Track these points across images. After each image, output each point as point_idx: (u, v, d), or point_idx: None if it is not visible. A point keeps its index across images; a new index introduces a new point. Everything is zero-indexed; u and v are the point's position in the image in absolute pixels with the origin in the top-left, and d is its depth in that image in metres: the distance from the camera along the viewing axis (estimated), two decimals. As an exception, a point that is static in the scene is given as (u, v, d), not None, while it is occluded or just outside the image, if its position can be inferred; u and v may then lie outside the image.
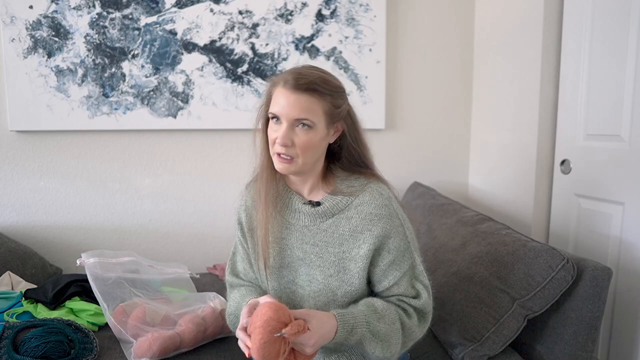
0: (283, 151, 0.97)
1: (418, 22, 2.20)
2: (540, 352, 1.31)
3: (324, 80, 0.98)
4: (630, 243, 1.51)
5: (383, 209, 1.02)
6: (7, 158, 1.90)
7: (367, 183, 1.05)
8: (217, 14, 1.97)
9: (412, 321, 1.03)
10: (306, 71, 0.98)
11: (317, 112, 0.97)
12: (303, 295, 1.06)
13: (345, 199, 1.04)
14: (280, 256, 1.07)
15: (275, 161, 1.00)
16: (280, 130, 0.97)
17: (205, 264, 2.08)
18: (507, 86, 2.02)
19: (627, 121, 1.51)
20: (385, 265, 1.03)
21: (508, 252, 1.35)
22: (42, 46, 1.85)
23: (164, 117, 1.97)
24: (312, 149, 0.98)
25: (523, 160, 1.93)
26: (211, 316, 1.34)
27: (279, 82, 0.99)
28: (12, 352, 1.13)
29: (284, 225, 1.07)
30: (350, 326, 0.94)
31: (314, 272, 1.05)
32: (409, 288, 1.05)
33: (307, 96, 0.95)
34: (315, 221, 1.05)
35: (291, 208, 1.07)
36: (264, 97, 1.04)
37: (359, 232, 1.02)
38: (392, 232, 1.02)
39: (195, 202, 2.07)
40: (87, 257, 1.40)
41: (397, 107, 2.22)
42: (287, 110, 0.96)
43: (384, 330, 0.97)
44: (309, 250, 1.05)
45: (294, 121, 0.96)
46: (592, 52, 1.64)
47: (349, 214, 1.04)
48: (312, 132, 0.97)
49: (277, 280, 1.08)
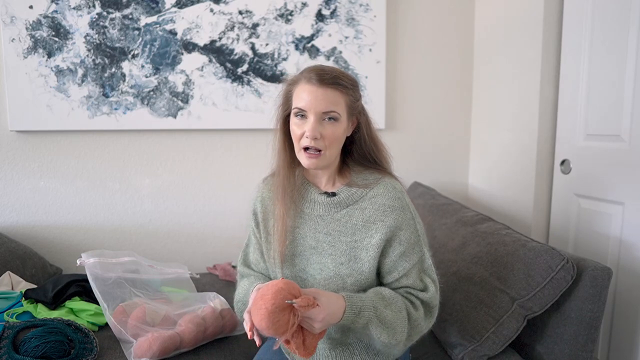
0: (313, 144, 1.00)
1: (418, 22, 2.20)
2: (540, 352, 1.31)
3: (344, 74, 1.04)
4: (630, 243, 1.51)
5: (396, 201, 1.06)
6: (7, 158, 1.90)
7: (381, 177, 1.10)
8: (217, 14, 1.97)
9: (418, 313, 1.05)
10: (326, 67, 1.03)
11: (341, 105, 1.02)
12: (314, 283, 1.09)
13: (360, 190, 1.08)
14: (292, 245, 1.10)
15: (303, 157, 1.03)
16: (308, 124, 1.00)
17: (205, 264, 2.08)
18: (507, 86, 2.02)
19: (627, 121, 1.51)
20: (395, 256, 1.06)
21: (508, 252, 1.35)
22: (42, 46, 1.85)
23: (164, 117, 1.97)
24: (338, 141, 1.04)
25: (523, 160, 1.93)
26: (211, 316, 1.34)
27: (299, 80, 1.03)
28: (12, 352, 1.13)
29: (298, 215, 1.10)
30: (358, 308, 0.97)
31: (325, 260, 1.07)
32: (417, 281, 1.07)
33: (332, 90, 1.00)
34: (330, 211, 1.09)
35: (307, 199, 1.11)
36: (282, 97, 1.08)
37: (371, 222, 1.06)
38: (403, 224, 1.05)
39: (195, 202, 2.07)
40: (87, 257, 1.40)
41: (397, 107, 2.22)
42: (315, 104, 0.99)
43: (391, 317, 1.00)
44: (322, 239, 1.08)
45: (321, 114, 1.00)
46: (592, 52, 1.64)
47: (363, 205, 1.07)
48: (337, 125, 1.02)
49: (288, 268, 1.10)
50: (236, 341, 1.38)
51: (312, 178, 1.13)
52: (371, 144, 1.11)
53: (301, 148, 1.03)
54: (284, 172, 1.08)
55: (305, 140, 1.01)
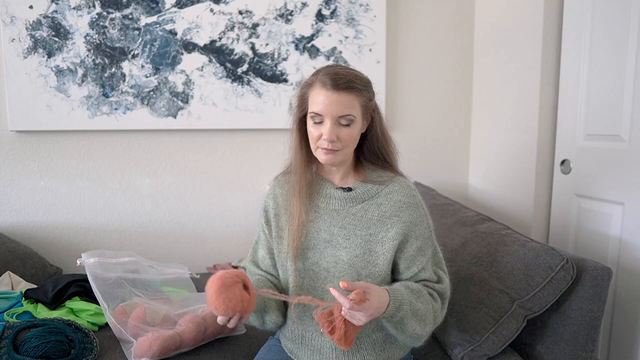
0: (330, 147, 1.04)
1: (418, 22, 2.20)
2: (540, 352, 1.31)
3: (358, 76, 1.06)
4: (630, 243, 1.51)
5: (411, 198, 1.11)
6: (7, 158, 1.90)
7: (395, 176, 1.14)
8: (217, 14, 1.97)
9: (437, 304, 1.09)
10: (341, 70, 1.05)
11: (356, 107, 1.05)
12: (327, 276, 1.10)
13: (376, 187, 1.12)
14: (306, 238, 1.12)
15: (320, 154, 1.07)
16: (324, 127, 1.04)
17: (205, 264, 2.09)
18: (507, 86, 2.02)
19: (627, 121, 1.51)
20: (413, 251, 1.09)
21: (508, 253, 1.35)
22: (42, 46, 1.85)
23: (164, 117, 1.97)
24: (354, 140, 1.08)
25: (523, 160, 1.93)
26: (211, 316, 1.34)
27: (315, 84, 1.05)
28: (12, 352, 1.13)
29: (313, 209, 1.13)
30: (399, 302, 0.99)
31: (339, 253, 1.09)
32: (432, 274, 1.12)
33: (347, 94, 1.03)
34: (345, 205, 1.11)
35: (322, 194, 1.13)
36: (297, 99, 1.11)
37: (387, 218, 1.09)
38: (418, 220, 1.10)
39: (195, 202, 2.07)
40: (87, 257, 1.40)
41: (397, 107, 2.22)
42: (331, 109, 1.02)
43: (422, 309, 1.04)
44: (337, 232, 1.10)
45: (337, 118, 1.03)
46: (592, 52, 1.64)
47: (379, 201, 1.11)
48: (353, 126, 1.05)
49: (302, 262, 1.11)
50: (236, 341, 1.38)
51: (327, 174, 1.15)
52: (383, 140, 1.14)
53: (318, 147, 1.06)
54: (301, 170, 1.12)
55: (322, 142, 1.04)
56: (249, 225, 2.10)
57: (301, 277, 1.12)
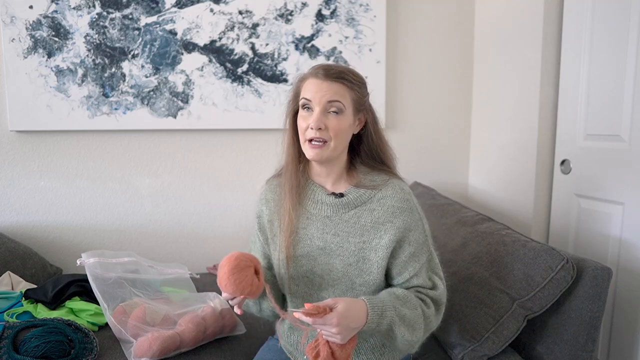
0: (317, 135, 1.02)
1: (418, 22, 2.20)
2: (540, 352, 1.31)
3: (351, 71, 1.06)
4: (630, 243, 1.51)
5: (404, 202, 1.08)
6: (7, 158, 1.90)
7: (389, 179, 1.11)
8: (217, 14, 1.97)
9: (430, 310, 1.06)
10: (334, 64, 1.08)
11: (347, 98, 1.04)
12: (321, 284, 1.09)
13: (368, 192, 1.09)
14: (299, 245, 1.10)
15: (307, 149, 1.05)
16: (313, 115, 1.03)
17: (205, 264, 2.08)
18: (507, 86, 2.02)
19: (627, 121, 1.51)
20: (406, 257, 1.07)
21: (508, 253, 1.35)
22: (42, 46, 1.85)
23: (164, 117, 1.97)
24: (342, 133, 1.05)
25: (523, 160, 1.93)
26: (211, 316, 1.34)
27: (308, 75, 1.06)
28: (12, 352, 1.13)
29: (305, 216, 1.11)
30: (380, 309, 0.97)
31: (333, 261, 1.08)
32: (426, 280, 1.09)
33: (338, 83, 1.03)
34: (338, 212, 1.09)
35: (314, 199, 1.11)
36: (292, 93, 1.11)
37: (380, 224, 1.07)
38: (412, 225, 1.07)
39: (195, 202, 2.07)
40: (87, 257, 1.40)
41: (397, 107, 2.22)
42: (320, 95, 1.02)
43: (409, 314, 1.01)
44: (330, 239, 1.08)
45: (326, 104, 1.02)
46: (592, 52, 1.64)
47: (372, 206, 1.08)
48: (342, 117, 1.03)
49: (295, 269, 1.10)
50: (236, 341, 1.38)
51: (318, 178, 1.13)
52: (378, 142, 1.12)
53: (306, 140, 1.04)
54: (292, 167, 1.10)
55: (310, 132, 1.03)
56: (249, 225, 2.07)
57: (296, 285, 1.11)
